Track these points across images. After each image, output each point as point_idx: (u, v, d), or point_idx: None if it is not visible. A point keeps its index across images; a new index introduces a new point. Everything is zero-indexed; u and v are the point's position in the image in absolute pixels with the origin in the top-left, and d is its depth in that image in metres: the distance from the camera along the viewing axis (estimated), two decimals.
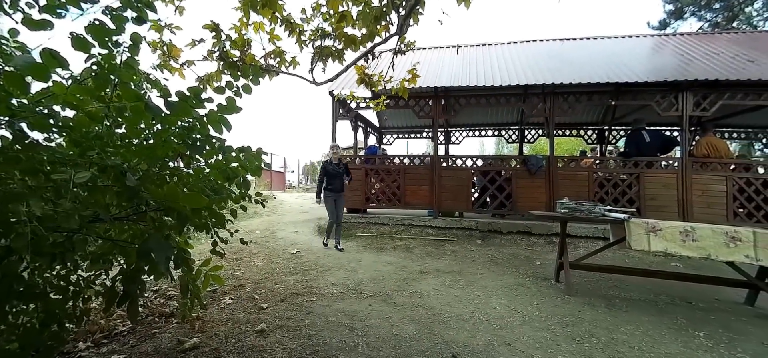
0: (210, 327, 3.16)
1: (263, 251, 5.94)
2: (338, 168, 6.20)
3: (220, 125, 1.93)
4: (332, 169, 6.15)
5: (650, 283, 4.57)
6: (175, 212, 1.81)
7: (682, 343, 2.99)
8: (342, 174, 6.21)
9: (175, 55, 2.99)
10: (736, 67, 6.62)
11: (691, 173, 6.45)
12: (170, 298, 3.91)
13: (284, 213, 9.31)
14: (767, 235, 3.42)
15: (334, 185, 6.13)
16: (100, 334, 3.02)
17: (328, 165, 6.21)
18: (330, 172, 6.13)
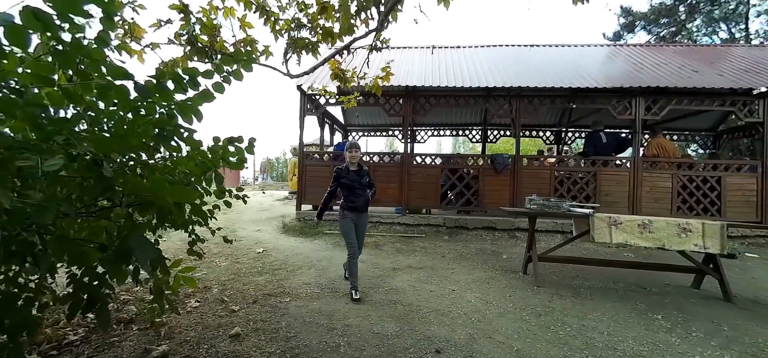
0: (178, 333, 2.95)
1: (225, 250, 5.67)
2: (359, 177, 4.00)
3: (191, 115, 1.77)
4: (351, 179, 3.96)
5: (608, 272, 4.85)
6: (155, 207, 1.65)
7: (644, 326, 3.19)
8: (365, 186, 4.03)
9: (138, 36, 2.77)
10: (682, 76, 7.22)
11: (641, 172, 6.94)
12: (126, 303, 3.61)
13: (243, 211, 8.96)
14: (714, 225, 3.75)
15: (355, 202, 3.94)
16: (48, 345, 2.72)
17: (344, 173, 3.99)
18: (347, 183, 3.95)
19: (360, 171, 3.99)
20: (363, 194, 3.95)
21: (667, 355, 2.66)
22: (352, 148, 4.01)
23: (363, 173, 4.01)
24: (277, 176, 26.23)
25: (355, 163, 4.00)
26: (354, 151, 4.00)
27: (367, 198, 3.99)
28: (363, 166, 4.05)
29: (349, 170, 3.96)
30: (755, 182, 6.72)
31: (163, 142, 1.85)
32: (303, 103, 7.57)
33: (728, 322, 3.29)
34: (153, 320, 2.91)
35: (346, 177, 3.93)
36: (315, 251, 5.72)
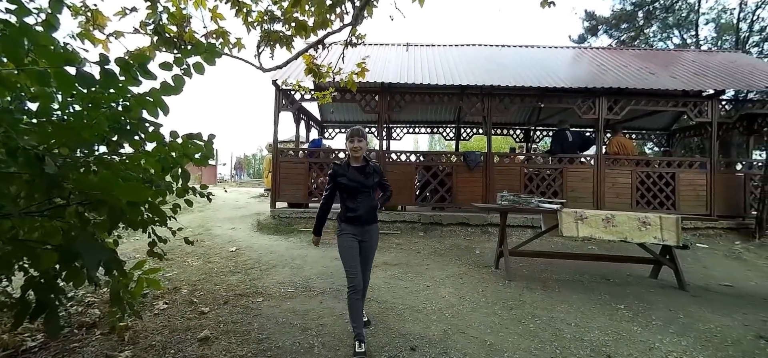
0: (143, 337, 2.82)
1: (198, 249, 5.47)
2: (364, 176, 2.87)
3: (156, 108, 1.66)
4: (352, 178, 2.85)
5: (575, 265, 5.06)
6: (107, 206, 1.55)
7: (609, 316, 3.35)
8: (372, 187, 2.91)
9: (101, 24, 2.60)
10: (640, 78, 7.61)
11: (604, 168, 7.28)
12: (90, 305, 3.42)
13: (218, 209, 8.68)
14: (670, 219, 3.98)
15: (357, 210, 2.83)
16: (4, 352, 2.53)
17: (342, 171, 2.90)
18: (347, 185, 2.85)
19: (365, 168, 2.85)
20: (369, 199, 2.80)
21: (630, 344, 2.80)
22: (354, 138, 2.83)
23: (370, 171, 2.86)
24: (253, 173, 25.44)
25: (358, 158, 2.84)
26: (357, 140, 2.82)
27: (373, 204, 2.84)
28: (370, 161, 2.93)
29: (350, 166, 2.84)
30: (705, 178, 7.20)
31: (124, 137, 1.74)
32: (278, 98, 7.41)
33: (684, 309, 3.51)
34: (115, 325, 2.76)
35: (345, 175, 2.81)
36: (290, 249, 5.62)
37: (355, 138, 2.84)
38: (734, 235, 6.66)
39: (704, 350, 2.72)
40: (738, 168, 7.53)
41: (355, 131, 2.86)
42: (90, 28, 2.65)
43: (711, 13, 15.93)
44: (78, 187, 1.38)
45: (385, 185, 3.04)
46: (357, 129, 2.86)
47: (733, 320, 3.28)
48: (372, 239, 2.89)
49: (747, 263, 5.45)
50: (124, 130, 1.69)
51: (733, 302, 3.78)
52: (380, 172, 2.93)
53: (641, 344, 2.79)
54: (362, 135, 2.87)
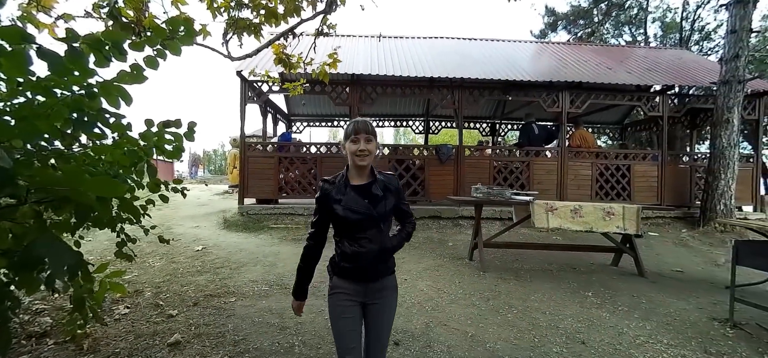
0: (105, 345, 2.62)
1: (159, 249, 5.16)
2: (371, 200, 1.63)
3: (117, 98, 1.49)
4: (352, 207, 1.60)
5: (543, 255, 5.27)
6: (71, 203, 1.39)
7: (579, 303, 3.51)
8: (385, 217, 1.66)
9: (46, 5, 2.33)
10: (599, 73, 8.00)
11: (567, 161, 7.61)
12: (39, 313, 3.12)
13: (178, 206, 8.24)
14: (631, 209, 4.23)
15: (361, 255, 1.62)
16: None
17: (336, 194, 1.63)
18: (345, 216, 1.60)
19: (373, 185, 1.67)
20: (379, 237, 1.64)
21: (601, 330, 2.95)
22: (359, 134, 1.64)
23: (382, 190, 1.67)
24: (215, 170, 24.26)
25: (364, 169, 1.67)
26: (364, 138, 1.64)
27: (386, 245, 1.66)
28: (378, 175, 1.72)
29: (349, 185, 1.65)
30: (656, 170, 7.72)
31: (83, 128, 1.57)
32: (244, 90, 7.09)
33: (645, 295, 3.75)
34: (74, 333, 2.54)
35: (340, 201, 1.62)
36: (261, 246, 5.43)
37: (361, 135, 1.60)
38: (681, 223, 7.21)
39: (667, 333, 2.91)
40: (684, 160, 8.14)
41: (360, 125, 1.62)
42: (33, 10, 2.37)
43: (657, 11, 17.11)
44: (38, 183, 1.22)
45: (406, 212, 1.78)
46: (363, 122, 1.64)
47: (688, 304, 3.54)
48: (385, 303, 1.70)
49: (693, 250, 5.92)
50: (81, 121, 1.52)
51: (685, 287, 4.09)
52: (398, 190, 1.72)
53: (611, 330, 2.94)
54: (370, 130, 1.63)
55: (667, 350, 2.64)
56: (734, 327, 3.01)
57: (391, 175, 1.78)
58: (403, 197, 1.80)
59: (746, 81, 6.79)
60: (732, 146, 6.72)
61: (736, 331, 2.97)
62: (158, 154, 1.99)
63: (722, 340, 2.82)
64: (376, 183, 1.67)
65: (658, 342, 2.76)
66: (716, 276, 4.58)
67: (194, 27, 3.81)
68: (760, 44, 12.96)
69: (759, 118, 7.77)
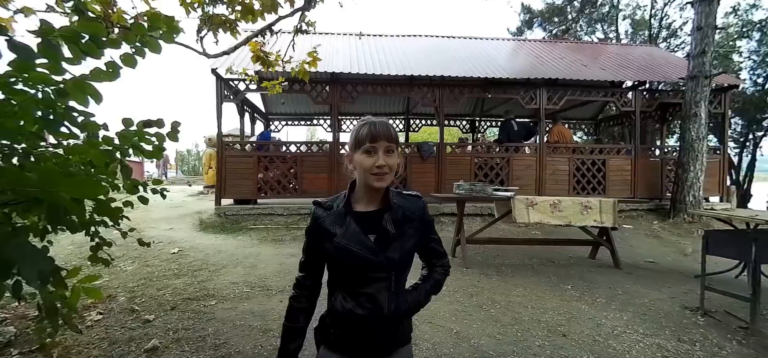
0: (76, 353, 2.50)
1: (132, 252, 4.99)
2: (382, 234, 1.08)
3: (86, 96, 1.41)
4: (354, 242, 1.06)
5: (523, 250, 5.35)
6: (43, 205, 1.31)
7: (559, 297, 3.58)
8: (403, 262, 1.09)
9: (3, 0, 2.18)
10: (574, 70, 8.19)
11: (545, 157, 7.77)
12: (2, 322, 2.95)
13: (150, 209, 7.96)
14: (608, 202, 4.35)
15: (366, 315, 1.07)
16: None
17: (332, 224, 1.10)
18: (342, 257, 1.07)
19: (387, 212, 1.10)
20: (394, 290, 1.08)
21: (580, 322, 3.02)
22: (379, 142, 1.05)
23: (402, 219, 1.11)
24: (189, 170, 23.49)
25: (379, 190, 1.09)
26: (385, 150, 1.05)
27: (400, 308, 1.09)
28: (394, 197, 1.13)
29: (352, 211, 1.11)
30: (630, 163, 7.98)
31: (49, 128, 1.48)
32: (220, 88, 6.91)
33: (621, 286, 3.86)
34: (42, 343, 2.41)
35: (338, 234, 1.08)
36: (240, 247, 5.31)
37: (380, 143, 1.06)
38: (653, 215, 7.49)
39: (643, 323, 3.01)
40: (656, 153, 8.44)
41: (379, 129, 1.07)
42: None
43: (627, 9, 17.71)
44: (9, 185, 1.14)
45: (436, 251, 1.24)
46: (382, 124, 1.09)
47: (662, 294, 3.68)
48: None
49: (664, 241, 6.16)
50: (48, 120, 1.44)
51: (658, 277, 4.25)
52: (423, 219, 1.17)
53: (590, 322, 3.01)
54: (393, 136, 1.09)
55: (643, 340, 2.73)
56: (705, 315, 3.14)
57: (413, 195, 1.20)
58: (432, 228, 1.22)
59: (712, 76, 7.09)
60: (700, 139, 7.01)
61: (706, 318, 3.10)
62: (136, 154, 1.91)
63: (694, 328, 2.94)
64: (391, 211, 1.10)
65: (635, 332, 2.85)
66: (685, 266, 4.78)
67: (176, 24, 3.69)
68: (724, 40, 13.56)
69: (725, 111, 8.14)
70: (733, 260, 3.82)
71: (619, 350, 2.58)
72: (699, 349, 2.61)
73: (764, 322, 3.02)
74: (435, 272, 1.23)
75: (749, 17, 14.10)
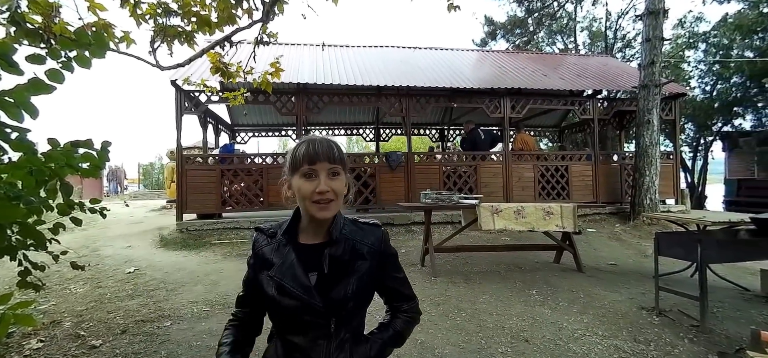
0: None
1: (83, 274, 4.66)
2: (324, 274, 0.91)
3: (19, 110, 1.35)
4: (290, 282, 0.89)
5: (492, 256, 5.40)
6: None
7: (523, 302, 3.61)
8: (353, 309, 0.93)
9: None
10: (536, 79, 8.47)
11: (511, 164, 7.95)
12: None
13: (107, 225, 7.54)
14: (568, 207, 4.46)
15: None
16: None
17: (270, 256, 0.95)
18: (279, 298, 0.90)
19: (333, 247, 0.93)
20: (328, 347, 0.90)
21: (543, 326, 3.05)
22: (315, 164, 0.88)
23: (350, 254, 0.94)
24: (152, 184, 22.36)
25: (324, 219, 0.91)
26: (328, 172, 0.89)
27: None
28: (344, 227, 0.97)
29: (293, 242, 0.95)
30: (591, 169, 8.29)
31: None
32: (179, 100, 6.66)
33: (583, 289, 3.95)
34: None
35: (274, 267, 0.92)
36: (202, 264, 5.08)
37: (321, 165, 0.89)
38: (615, 218, 7.79)
39: (602, 325, 3.07)
40: (615, 159, 8.82)
41: (318, 148, 0.89)
42: None
43: (584, 21, 18.68)
44: None
45: (400, 292, 1.06)
46: (323, 142, 0.91)
47: (621, 296, 3.78)
48: None
49: (625, 243, 6.40)
50: None
51: (618, 279, 4.38)
52: (382, 252, 0.99)
53: (552, 326, 3.05)
54: (336, 157, 0.91)
55: (602, 341, 2.78)
56: (660, 315, 3.25)
57: (371, 224, 1.02)
58: (395, 264, 1.05)
59: (662, 85, 7.52)
60: (654, 144, 7.38)
61: (661, 318, 3.20)
62: (70, 172, 1.79)
63: (649, 327, 3.03)
64: (332, 246, 0.93)
65: (594, 334, 2.90)
66: (645, 267, 4.96)
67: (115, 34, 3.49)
68: (673, 51, 14.48)
69: (675, 118, 8.63)
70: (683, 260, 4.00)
71: (578, 353, 2.61)
72: (653, 348, 2.68)
73: (714, 319, 3.16)
74: (396, 320, 1.04)
75: (695, 29, 15.17)
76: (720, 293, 3.83)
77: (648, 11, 7.45)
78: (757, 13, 11.45)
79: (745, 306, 3.55)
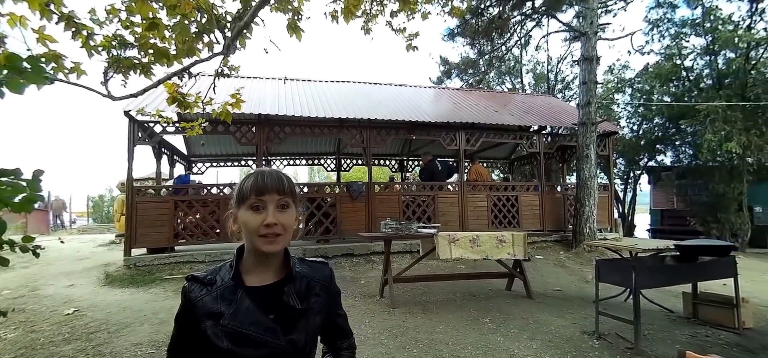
0: None
1: (16, 316, 4.28)
2: (280, 314, 0.90)
3: None
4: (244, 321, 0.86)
5: (449, 285, 5.58)
6: None
7: (478, 331, 3.78)
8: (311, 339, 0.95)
9: None
10: (488, 115, 9.07)
11: (466, 194, 8.34)
12: None
13: (51, 262, 6.92)
14: (519, 235, 4.77)
15: None
16: None
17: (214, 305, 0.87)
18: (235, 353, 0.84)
19: (287, 285, 0.93)
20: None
21: (495, 354, 3.22)
22: (264, 195, 0.88)
23: (306, 292, 0.96)
24: (101, 217, 20.63)
25: (271, 249, 0.88)
26: (273, 204, 0.88)
27: None
28: (296, 265, 0.98)
29: (240, 286, 0.90)
30: (538, 199, 8.89)
31: None
32: (132, 130, 6.40)
33: (533, 316, 4.20)
34: None
35: (225, 316, 0.86)
36: (151, 302, 4.80)
37: (269, 196, 0.88)
38: (559, 246, 8.34)
39: (549, 350, 3.30)
40: (558, 190, 9.53)
41: (267, 181, 0.89)
42: None
43: (529, 64, 20.42)
44: None
45: (343, 330, 1.11)
46: (272, 174, 0.91)
47: (566, 320, 4.08)
48: None
49: (569, 270, 6.87)
50: None
51: (563, 305, 4.71)
52: (330, 289, 1.03)
53: (504, 353, 3.23)
54: (285, 189, 0.90)
55: None
56: (599, 338, 3.54)
57: (318, 262, 1.04)
58: (339, 302, 1.09)
59: (597, 123, 8.34)
60: (592, 177, 8.10)
61: (600, 341, 3.49)
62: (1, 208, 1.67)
63: (590, 351, 3.29)
64: (293, 282, 0.94)
65: None
66: (585, 292, 5.36)
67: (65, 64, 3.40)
68: (605, 94, 16.09)
69: (609, 153, 9.55)
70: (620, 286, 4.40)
71: None
72: None
73: (646, 341, 3.48)
74: (341, 356, 1.07)
75: (622, 75, 17.02)
76: (650, 315, 4.24)
77: (583, 58, 8.34)
78: (672, 64, 13.11)
79: (671, 327, 3.95)
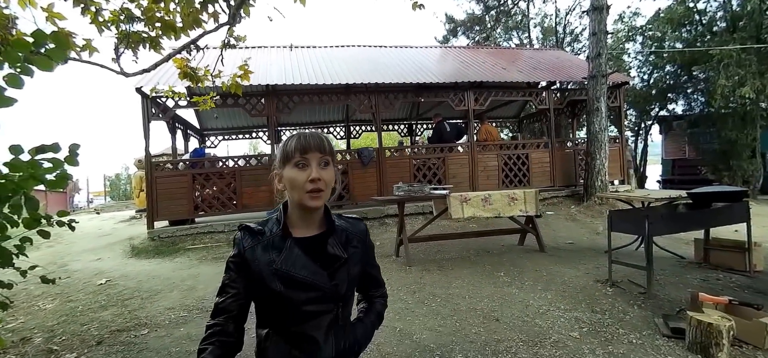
0: None
1: (51, 289, 4.53)
2: (328, 261, 0.98)
3: None
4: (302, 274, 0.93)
5: (462, 243, 5.73)
6: None
7: (493, 284, 3.93)
8: (348, 292, 1.03)
9: None
10: (496, 73, 8.91)
11: (476, 154, 8.35)
12: None
13: (73, 241, 7.22)
14: (530, 192, 4.84)
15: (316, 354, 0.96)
16: None
17: (268, 257, 0.94)
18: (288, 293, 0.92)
19: (330, 236, 1.01)
20: (336, 329, 0.99)
21: (511, 306, 3.35)
22: (308, 153, 0.94)
23: (345, 243, 1.03)
24: (119, 195, 21.20)
25: (316, 208, 0.97)
26: (315, 161, 0.94)
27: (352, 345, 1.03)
28: (337, 219, 1.07)
29: (289, 237, 0.97)
30: (548, 156, 8.86)
31: None
32: (146, 107, 6.49)
33: (546, 268, 4.33)
34: None
35: (278, 263, 0.93)
36: (177, 270, 5.04)
37: (312, 155, 0.94)
38: (570, 201, 8.39)
39: (563, 299, 3.43)
40: (569, 145, 9.46)
41: (310, 141, 0.95)
42: None
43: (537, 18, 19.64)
44: None
45: (377, 280, 1.18)
46: (314, 135, 0.97)
47: (579, 271, 4.19)
48: None
49: (580, 223, 6.96)
50: None
51: (576, 256, 4.82)
52: (365, 243, 1.10)
53: (520, 304, 3.37)
54: (326, 148, 0.97)
55: (564, 315, 3.11)
56: (612, 286, 3.65)
57: (354, 218, 1.11)
58: (373, 255, 1.15)
59: (607, 75, 8.15)
60: (602, 130, 8.01)
61: (614, 289, 3.60)
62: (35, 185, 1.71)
63: (604, 298, 3.41)
64: (336, 234, 1.02)
65: (557, 309, 3.24)
66: (598, 243, 5.47)
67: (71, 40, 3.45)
68: (615, 44, 15.54)
69: (620, 105, 9.38)
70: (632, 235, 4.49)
71: (544, 327, 2.92)
72: (608, 317, 3.04)
73: (658, 286, 3.58)
74: (376, 304, 1.15)
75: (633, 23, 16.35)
76: (661, 262, 4.34)
77: (593, 7, 8.03)
78: (685, 7, 12.54)
79: (683, 272, 4.05)
